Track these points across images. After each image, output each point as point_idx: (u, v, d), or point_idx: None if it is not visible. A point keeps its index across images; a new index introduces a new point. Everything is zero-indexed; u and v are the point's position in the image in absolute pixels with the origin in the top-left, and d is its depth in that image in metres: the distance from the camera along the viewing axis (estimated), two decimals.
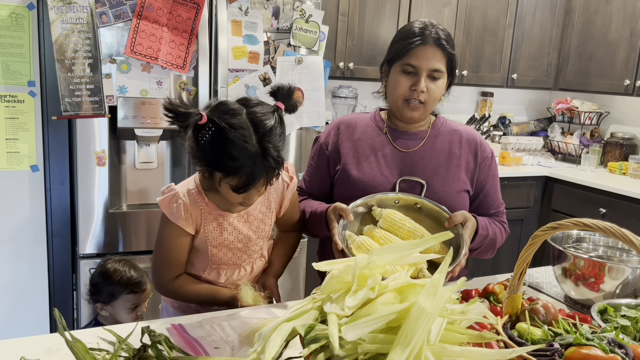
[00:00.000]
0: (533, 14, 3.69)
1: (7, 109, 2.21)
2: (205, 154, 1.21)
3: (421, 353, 0.76)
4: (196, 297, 1.41)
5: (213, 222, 1.37)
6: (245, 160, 1.18)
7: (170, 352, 0.99)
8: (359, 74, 3.20)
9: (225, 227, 1.38)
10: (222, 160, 1.20)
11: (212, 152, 1.20)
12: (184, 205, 1.32)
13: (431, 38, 1.48)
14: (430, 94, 1.49)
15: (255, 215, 1.43)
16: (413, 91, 1.49)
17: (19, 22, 2.17)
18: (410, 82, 1.49)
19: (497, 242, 1.58)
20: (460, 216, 1.42)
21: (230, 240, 1.40)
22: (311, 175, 1.67)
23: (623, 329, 1.12)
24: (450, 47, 1.50)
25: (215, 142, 1.19)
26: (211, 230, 1.37)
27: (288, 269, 2.61)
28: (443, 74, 1.50)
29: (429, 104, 1.51)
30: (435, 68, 1.48)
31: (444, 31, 1.51)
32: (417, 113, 1.53)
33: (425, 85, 1.48)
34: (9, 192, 2.26)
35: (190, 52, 2.19)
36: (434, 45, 1.48)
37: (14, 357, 1.04)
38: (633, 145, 3.73)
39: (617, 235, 0.91)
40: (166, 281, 1.40)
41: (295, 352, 0.91)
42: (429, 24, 1.51)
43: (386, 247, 0.93)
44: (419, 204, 1.48)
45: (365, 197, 1.47)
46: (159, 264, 1.40)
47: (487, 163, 1.61)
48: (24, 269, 2.33)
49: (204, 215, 1.35)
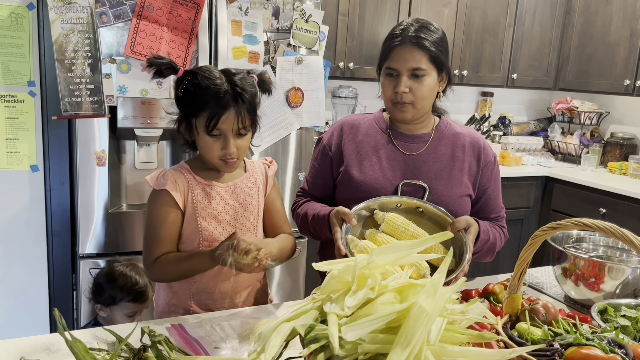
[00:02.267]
0: (533, 14, 3.69)
1: (7, 109, 2.21)
2: (181, 102, 1.35)
3: (421, 353, 0.76)
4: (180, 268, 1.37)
5: (200, 191, 1.39)
6: (213, 92, 1.29)
7: (170, 352, 0.99)
8: (359, 74, 3.20)
9: (212, 196, 1.39)
10: (192, 103, 1.32)
11: (186, 97, 1.33)
12: (171, 175, 1.38)
13: (408, 37, 1.46)
14: (415, 93, 1.47)
15: (242, 188, 1.44)
16: (396, 94, 1.48)
17: (19, 22, 2.17)
18: (394, 85, 1.49)
19: (497, 247, 1.57)
20: (463, 222, 1.40)
21: (218, 211, 1.40)
22: (314, 177, 1.66)
23: (623, 329, 1.12)
24: (434, 44, 1.47)
25: (189, 88, 1.32)
26: (199, 200, 1.38)
27: (288, 269, 2.62)
28: (426, 71, 1.47)
29: (418, 103, 1.49)
30: (415, 67, 1.46)
31: (428, 29, 1.48)
32: (407, 114, 1.51)
33: (408, 86, 1.47)
34: (9, 192, 2.26)
35: (190, 52, 2.18)
36: (410, 44, 1.46)
37: (14, 357, 1.05)
38: (633, 145, 3.73)
39: (617, 235, 0.91)
40: (151, 261, 1.37)
41: (295, 352, 0.91)
42: (410, 24, 1.49)
43: (386, 247, 0.93)
44: (421, 207, 1.47)
45: (368, 201, 1.46)
46: (146, 243, 1.39)
47: (490, 167, 1.60)
48: (23, 268, 2.33)
49: (190, 185, 1.38)
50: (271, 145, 2.43)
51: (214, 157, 1.35)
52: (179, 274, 1.39)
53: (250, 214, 1.45)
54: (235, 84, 1.31)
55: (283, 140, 2.46)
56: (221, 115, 1.29)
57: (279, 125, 2.41)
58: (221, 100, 1.29)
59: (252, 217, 1.46)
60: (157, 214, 1.37)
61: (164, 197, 1.36)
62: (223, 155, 1.34)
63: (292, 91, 2.40)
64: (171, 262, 1.36)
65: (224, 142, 1.32)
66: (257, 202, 1.47)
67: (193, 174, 1.40)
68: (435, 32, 1.49)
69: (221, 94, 1.29)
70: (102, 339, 1.13)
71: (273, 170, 1.53)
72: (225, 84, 1.30)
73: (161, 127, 2.20)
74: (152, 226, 1.38)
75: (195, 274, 1.39)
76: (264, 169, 1.52)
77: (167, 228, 1.37)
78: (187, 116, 1.35)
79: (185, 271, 1.38)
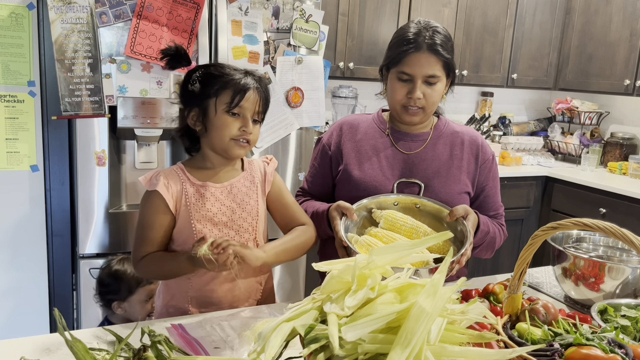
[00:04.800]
0: (533, 14, 3.69)
1: (7, 109, 2.21)
2: (196, 92, 1.35)
3: (421, 353, 0.76)
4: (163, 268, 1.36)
5: (194, 193, 1.37)
6: (232, 75, 1.34)
7: (170, 352, 0.98)
8: (359, 74, 3.20)
9: (207, 198, 1.37)
10: (212, 85, 1.33)
11: (202, 85, 1.34)
12: (164, 176, 1.36)
13: (425, 44, 1.46)
14: (427, 99, 1.49)
15: (239, 188, 1.42)
16: (409, 99, 1.48)
17: (19, 22, 2.17)
18: (406, 90, 1.49)
19: (497, 242, 1.58)
20: (461, 209, 1.43)
21: (213, 212, 1.37)
22: (314, 176, 1.67)
23: (623, 329, 1.12)
24: (446, 50, 1.48)
25: (204, 77, 1.35)
26: (193, 202, 1.36)
27: (288, 269, 2.62)
28: (440, 78, 1.48)
29: (428, 108, 1.51)
30: (431, 74, 1.46)
31: (440, 33, 1.48)
32: (416, 118, 1.53)
33: (422, 92, 1.47)
34: (9, 192, 2.26)
35: (190, 52, 2.18)
36: (427, 51, 1.45)
37: (14, 357, 1.04)
38: (633, 145, 3.73)
39: (617, 235, 0.91)
40: (137, 259, 1.37)
41: (295, 352, 0.91)
42: (423, 28, 1.48)
43: (386, 247, 0.93)
44: (418, 204, 1.49)
45: (364, 200, 1.47)
46: (135, 241, 1.38)
47: (488, 165, 1.61)
48: (23, 269, 2.33)
49: (184, 186, 1.37)
50: (271, 145, 2.43)
51: (227, 138, 1.34)
52: (163, 273, 1.39)
53: (247, 215, 1.42)
54: (252, 72, 1.37)
55: (283, 140, 2.46)
56: (245, 92, 1.33)
57: (279, 125, 2.41)
58: (244, 80, 1.34)
59: (250, 217, 1.42)
60: (147, 215, 1.37)
61: (155, 199, 1.35)
62: (240, 135, 1.34)
63: (292, 91, 2.40)
64: (155, 262, 1.36)
65: (244, 121, 1.34)
66: (256, 202, 1.44)
67: (187, 175, 1.39)
68: (444, 35, 1.49)
69: (242, 76, 1.35)
70: (102, 339, 1.13)
71: (272, 167, 1.51)
72: (240, 72, 1.36)
73: (161, 127, 2.20)
74: (142, 226, 1.38)
75: (177, 274, 1.38)
76: (262, 166, 1.50)
77: (155, 231, 1.36)
78: (202, 100, 1.34)
79: (167, 272, 1.38)
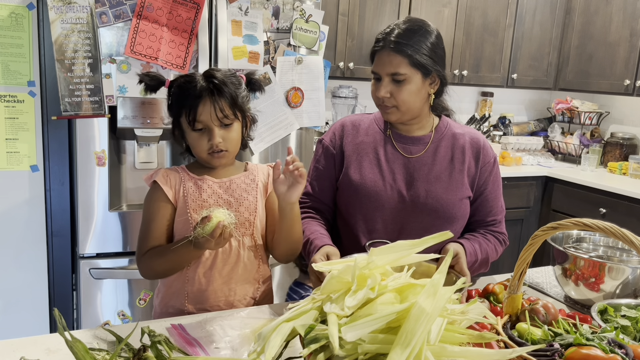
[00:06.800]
0: (533, 14, 3.69)
1: (7, 109, 2.21)
2: (170, 109, 1.41)
3: (421, 353, 0.76)
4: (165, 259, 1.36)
5: (192, 185, 1.41)
6: (188, 89, 1.35)
7: (170, 352, 0.99)
8: (359, 74, 3.20)
9: (204, 189, 1.41)
10: (177, 102, 1.38)
11: (173, 102, 1.39)
12: (164, 170, 1.43)
13: (388, 42, 1.45)
14: (397, 98, 1.46)
15: (238, 184, 1.44)
16: (378, 97, 1.50)
17: (19, 22, 2.17)
18: (377, 88, 1.50)
19: (491, 258, 1.56)
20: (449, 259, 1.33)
21: (209, 203, 1.40)
22: (318, 179, 1.63)
23: (623, 329, 1.12)
24: (414, 47, 1.44)
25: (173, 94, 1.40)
26: (190, 193, 1.40)
27: (288, 270, 2.62)
28: (406, 75, 1.45)
29: (401, 107, 1.48)
30: (393, 72, 1.45)
31: (412, 30, 1.45)
32: (392, 117, 1.52)
33: (389, 90, 1.47)
34: (9, 192, 2.26)
35: (190, 52, 2.18)
36: (388, 49, 1.45)
37: (14, 357, 1.05)
38: (633, 145, 3.73)
39: (617, 235, 0.91)
40: (140, 255, 1.39)
41: (295, 352, 0.91)
42: (395, 26, 1.48)
43: (385, 247, 0.93)
44: None
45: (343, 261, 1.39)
46: (138, 240, 1.41)
47: (489, 168, 1.58)
48: (23, 269, 2.32)
49: (183, 179, 1.42)
50: (271, 145, 2.43)
51: (203, 153, 1.38)
52: (166, 266, 1.38)
53: (245, 210, 1.43)
54: (211, 76, 1.35)
55: (283, 140, 2.46)
56: (197, 106, 1.33)
57: (279, 125, 2.41)
58: (195, 92, 1.34)
59: (248, 212, 1.43)
60: (149, 209, 1.41)
61: (155, 192, 1.41)
62: (210, 148, 1.36)
63: (292, 91, 2.40)
64: (157, 255, 1.37)
65: (209, 133, 1.35)
66: (255, 199, 1.45)
67: (187, 172, 1.43)
68: (423, 34, 1.46)
69: (196, 88, 1.34)
70: (102, 339, 1.13)
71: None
72: (201, 80, 1.35)
73: (161, 127, 2.20)
74: (145, 221, 1.42)
75: (182, 263, 1.38)
76: (267, 171, 1.50)
77: (158, 222, 1.39)
78: (175, 120, 1.40)
79: (171, 262, 1.36)
